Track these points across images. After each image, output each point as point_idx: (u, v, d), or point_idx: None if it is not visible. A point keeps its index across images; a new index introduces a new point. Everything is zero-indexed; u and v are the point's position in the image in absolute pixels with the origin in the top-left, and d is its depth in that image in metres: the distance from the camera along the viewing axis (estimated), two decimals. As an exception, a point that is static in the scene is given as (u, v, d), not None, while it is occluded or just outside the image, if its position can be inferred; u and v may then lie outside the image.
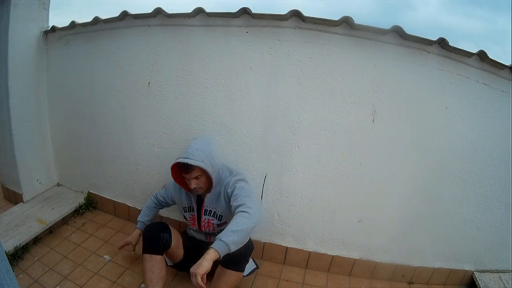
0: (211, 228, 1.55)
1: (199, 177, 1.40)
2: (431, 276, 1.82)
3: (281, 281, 1.74)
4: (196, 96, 1.71)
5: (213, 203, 1.52)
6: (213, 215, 1.53)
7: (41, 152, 2.23)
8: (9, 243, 1.68)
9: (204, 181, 1.43)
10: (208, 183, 1.45)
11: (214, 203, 1.51)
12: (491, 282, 1.74)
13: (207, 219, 1.54)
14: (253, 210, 1.28)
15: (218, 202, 1.50)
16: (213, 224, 1.54)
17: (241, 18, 1.53)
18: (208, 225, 1.55)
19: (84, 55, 1.98)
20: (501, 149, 1.57)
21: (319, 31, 1.47)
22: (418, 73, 1.48)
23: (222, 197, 1.48)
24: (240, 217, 1.25)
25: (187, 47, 1.66)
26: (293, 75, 1.54)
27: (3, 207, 2.17)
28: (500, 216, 1.69)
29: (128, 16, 1.73)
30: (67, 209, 2.09)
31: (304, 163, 1.66)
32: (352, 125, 1.57)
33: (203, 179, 1.41)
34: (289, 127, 1.62)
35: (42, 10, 2.02)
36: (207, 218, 1.54)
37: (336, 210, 1.72)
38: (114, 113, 1.97)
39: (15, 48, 1.89)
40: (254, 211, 1.28)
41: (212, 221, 1.53)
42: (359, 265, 1.80)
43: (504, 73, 1.48)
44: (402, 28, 1.37)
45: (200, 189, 1.44)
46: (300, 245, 1.82)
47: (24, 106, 2.03)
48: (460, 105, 1.51)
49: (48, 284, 1.55)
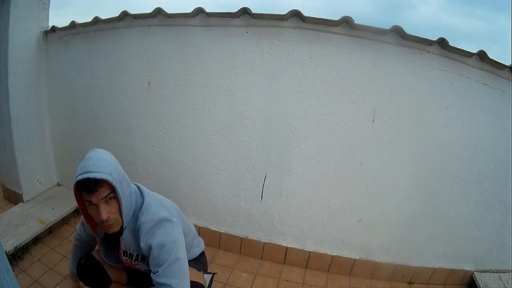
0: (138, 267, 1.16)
1: (110, 200, 0.93)
2: (431, 276, 1.82)
3: (281, 281, 1.74)
4: (196, 96, 1.71)
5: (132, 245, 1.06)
6: (137, 258, 1.10)
7: (41, 152, 2.23)
8: (9, 243, 1.68)
9: (117, 209, 0.96)
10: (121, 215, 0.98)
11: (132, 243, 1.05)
12: (491, 282, 1.74)
13: (130, 262, 1.12)
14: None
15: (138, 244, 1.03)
16: (138, 267, 1.15)
17: (241, 18, 1.53)
18: (134, 266, 1.15)
19: (84, 55, 1.98)
20: (501, 149, 1.58)
21: (319, 31, 1.47)
22: (418, 73, 1.48)
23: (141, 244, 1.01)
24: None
25: (187, 47, 1.66)
26: (293, 75, 1.54)
27: (3, 207, 2.17)
28: (500, 216, 1.69)
29: (128, 16, 1.73)
30: (67, 209, 2.08)
31: (304, 163, 1.66)
32: (352, 125, 1.57)
33: (115, 205, 0.95)
34: (289, 127, 1.62)
35: (42, 10, 2.02)
36: (130, 261, 1.12)
37: (336, 210, 1.72)
38: (114, 113, 1.97)
39: (15, 48, 1.89)
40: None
41: (137, 265, 1.13)
42: (359, 265, 1.80)
43: (504, 73, 1.48)
44: (402, 28, 1.37)
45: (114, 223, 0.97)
46: (300, 245, 1.82)
47: (24, 106, 2.03)
48: (460, 105, 1.51)
49: (48, 284, 1.55)
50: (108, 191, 0.92)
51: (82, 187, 0.90)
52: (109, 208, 0.94)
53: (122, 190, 0.94)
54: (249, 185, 1.76)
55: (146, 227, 0.99)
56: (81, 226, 1.22)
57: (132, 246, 1.06)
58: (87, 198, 0.91)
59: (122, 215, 0.97)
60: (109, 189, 0.92)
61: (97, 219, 0.94)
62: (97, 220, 0.95)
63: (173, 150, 1.84)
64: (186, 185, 1.90)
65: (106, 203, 0.93)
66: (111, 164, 0.95)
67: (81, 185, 0.89)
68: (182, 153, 1.83)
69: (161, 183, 1.95)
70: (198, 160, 1.81)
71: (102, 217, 0.92)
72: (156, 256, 0.98)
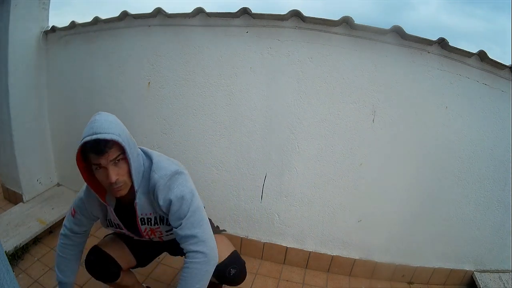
0: (158, 235, 1.15)
1: (119, 162, 0.91)
2: (431, 276, 1.82)
3: (281, 281, 1.74)
4: (196, 96, 1.71)
5: (147, 208, 1.04)
6: (156, 221, 1.08)
7: (41, 152, 2.23)
8: (9, 243, 1.68)
9: (126, 171, 0.94)
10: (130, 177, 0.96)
11: (147, 206, 1.04)
12: (491, 282, 1.74)
13: (150, 228, 1.10)
14: (207, 246, 0.99)
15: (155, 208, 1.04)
16: (160, 232, 1.13)
17: (241, 18, 1.53)
18: (154, 233, 1.13)
19: (84, 55, 1.98)
20: (501, 149, 1.58)
21: (319, 31, 1.47)
22: (418, 73, 1.48)
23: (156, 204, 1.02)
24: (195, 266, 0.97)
25: (187, 47, 1.66)
26: (293, 75, 1.54)
27: (3, 207, 2.17)
28: (500, 216, 1.69)
29: (128, 16, 1.73)
30: (67, 209, 2.08)
31: (304, 163, 1.66)
32: (352, 125, 1.57)
33: (124, 167, 0.93)
34: (289, 127, 1.62)
35: (42, 10, 2.02)
36: (150, 228, 1.10)
37: (336, 210, 1.72)
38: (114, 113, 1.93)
39: (15, 48, 1.89)
40: (211, 250, 1.00)
41: (158, 229, 1.11)
42: (359, 265, 1.80)
43: (504, 73, 1.48)
44: (402, 28, 1.37)
45: (123, 185, 0.94)
46: (300, 245, 1.82)
47: (24, 106, 2.03)
48: (460, 105, 1.51)
49: (48, 284, 1.55)
50: (118, 152, 0.90)
51: (91, 149, 0.87)
52: (118, 170, 0.91)
53: (131, 151, 0.92)
54: (249, 185, 1.76)
55: (162, 183, 0.98)
56: (72, 218, 1.14)
57: (148, 209, 1.04)
58: (96, 161, 0.88)
59: (132, 177, 0.95)
60: (119, 150, 0.90)
61: (106, 182, 0.91)
62: (105, 184, 0.93)
63: (173, 150, 1.84)
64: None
65: (115, 165, 0.91)
66: (118, 125, 0.94)
67: (89, 147, 0.86)
68: (182, 153, 1.83)
69: (161, 183, 1.95)
70: (198, 160, 1.81)
71: (111, 179, 0.89)
72: (177, 209, 0.98)
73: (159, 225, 1.09)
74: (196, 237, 0.97)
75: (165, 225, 1.09)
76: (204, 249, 0.98)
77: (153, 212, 1.05)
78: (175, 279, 1.67)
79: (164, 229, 1.11)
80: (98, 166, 0.89)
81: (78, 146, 0.88)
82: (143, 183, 1.01)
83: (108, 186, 0.93)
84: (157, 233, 1.13)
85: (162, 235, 1.14)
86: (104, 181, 0.92)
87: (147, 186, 1.01)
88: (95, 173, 0.93)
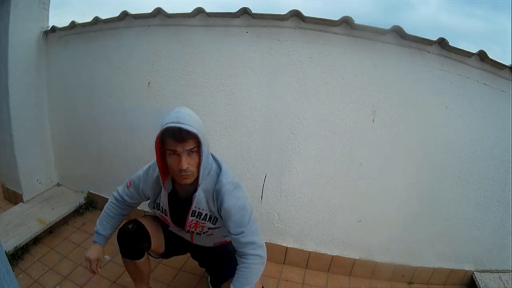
0: (199, 229, 1.21)
1: (192, 153, 1.01)
2: (431, 276, 1.82)
3: (281, 281, 1.74)
4: (196, 96, 1.71)
5: (203, 204, 1.13)
6: (205, 217, 1.16)
7: (41, 152, 2.23)
8: (9, 243, 1.68)
9: (196, 163, 1.03)
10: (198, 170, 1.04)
11: (204, 204, 1.13)
12: (491, 282, 1.74)
13: (196, 221, 1.17)
14: (263, 250, 1.13)
15: (209, 206, 1.14)
16: (203, 226, 1.19)
17: (241, 18, 1.53)
18: (197, 226, 1.20)
19: (84, 55, 1.98)
20: (501, 149, 1.58)
21: (319, 31, 1.47)
22: (418, 73, 1.48)
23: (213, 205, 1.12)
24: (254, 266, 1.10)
25: (187, 47, 1.66)
26: (293, 75, 1.54)
27: (3, 207, 2.16)
28: (500, 216, 1.69)
29: (128, 16, 1.73)
30: (67, 209, 2.08)
31: (304, 163, 1.66)
32: (352, 125, 1.57)
33: (195, 159, 1.02)
34: (289, 127, 1.62)
35: (42, 10, 2.02)
36: (196, 220, 1.17)
37: (336, 210, 1.72)
38: (114, 113, 1.97)
39: (15, 48, 1.89)
40: (264, 251, 1.14)
41: (203, 224, 1.18)
42: (359, 265, 1.80)
43: (504, 73, 1.48)
44: (402, 28, 1.38)
45: (189, 175, 1.03)
46: (300, 245, 1.82)
47: (24, 106, 2.03)
48: (460, 105, 1.51)
49: (48, 284, 1.55)
50: (194, 144, 0.99)
51: (172, 135, 0.96)
52: (190, 159, 1.00)
53: (204, 148, 1.02)
54: (249, 185, 1.76)
55: (228, 189, 1.09)
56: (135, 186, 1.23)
57: (203, 205, 1.13)
58: (172, 147, 0.98)
59: (200, 170, 1.03)
60: (195, 143, 1.00)
61: (175, 168, 1.00)
62: (175, 169, 1.01)
63: (173, 150, 1.84)
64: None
65: (188, 154, 0.99)
66: (199, 122, 1.03)
67: (171, 132, 0.96)
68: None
69: (161, 183, 1.95)
70: (198, 160, 1.80)
71: (183, 166, 0.98)
72: (239, 218, 1.09)
73: (206, 221, 1.17)
74: (255, 244, 1.11)
75: (211, 223, 1.18)
76: (261, 253, 1.12)
77: (207, 209, 1.14)
78: (175, 279, 1.67)
79: (208, 226, 1.19)
80: (173, 152, 0.99)
81: (161, 128, 0.97)
82: (207, 181, 1.10)
83: (177, 172, 1.01)
84: (200, 227, 1.20)
85: (202, 230, 1.21)
86: (174, 166, 1.01)
87: (211, 185, 1.11)
88: (168, 157, 1.02)
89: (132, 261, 1.27)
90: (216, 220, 1.18)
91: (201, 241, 1.33)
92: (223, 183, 1.09)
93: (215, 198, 1.11)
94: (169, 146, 0.99)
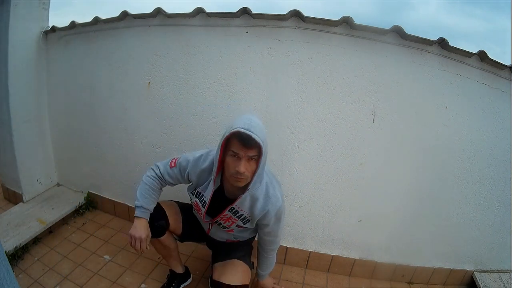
0: (228, 224, 1.31)
1: (252, 160, 1.10)
2: (431, 276, 1.82)
3: (281, 281, 1.74)
4: (196, 96, 1.71)
5: (246, 206, 1.23)
6: (240, 216, 1.27)
7: (41, 152, 2.23)
8: (9, 243, 1.68)
9: (253, 170, 1.12)
10: (252, 178, 1.14)
11: (247, 207, 1.23)
12: (491, 282, 1.74)
13: (230, 216, 1.27)
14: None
15: (252, 209, 1.24)
16: (233, 222, 1.29)
17: (241, 18, 1.53)
18: (228, 220, 1.30)
19: (84, 55, 1.98)
20: (501, 149, 1.57)
21: (319, 31, 1.47)
22: (418, 73, 1.48)
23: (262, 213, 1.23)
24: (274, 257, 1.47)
25: (187, 47, 1.66)
26: (293, 75, 1.54)
27: (3, 207, 2.17)
28: (500, 216, 1.69)
29: (128, 16, 1.73)
30: (67, 209, 2.09)
31: (304, 163, 1.66)
32: (352, 125, 1.57)
33: (253, 166, 1.11)
34: (289, 127, 1.62)
35: (42, 10, 2.02)
36: (230, 215, 1.27)
37: (336, 210, 1.72)
38: (114, 113, 1.97)
39: (15, 48, 1.89)
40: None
41: (235, 220, 1.29)
42: (359, 265, 1.80)
43: (504, 73, 1.48)
44: (402, 28, 1.37)
45: (243, 179, 1.12)
46: (300, 245, 1.82)
47: (24, 106, 2.03)
48: (460, 105, 1.51)
49: (48, 284, 1.55)
50: (256, 153, 1.09)
51: (240, 139, 1.06)
52: (248, 165, 1.10)
53: (263, 158, 1.12)
54: (249, 185, 1.76)
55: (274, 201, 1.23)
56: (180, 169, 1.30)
57: (245, 208, 1.24)
58: (237, 150, 1.08)
59: (254, 176, 1.13)
60: (257, 152, 1.09)
61: (234, 169, 1.10)
62: (231, 169, 1.11)
63: (173, 150, 1.84)
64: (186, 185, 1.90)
65: (248, 160, 1.09)
66: (265, 134, 1.12)
67: (240, 137, 1.06)
68: (182, 153, 1.82)
69: (161, 183, 1.95)
70: (198, 160, 1.80)
71: (241, 170, 1.08)
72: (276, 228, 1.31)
73: (239, 220, 1.29)
74: (278, 245, 1.44)
75: (242, 222, 1.29)
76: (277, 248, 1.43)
77: (246, 212, 1.25)
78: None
79: (237, 224, 1.30)
80: (236, 154, 1.09)
81: (232, 130, 1.06)
82: (258, 189, 1.20)
83: (233, 172, 1.11)
84: (229, 222, 1.30)
85: (230, 226, 1.32)
86: (231, 167, 1.11)
87: (260, 192, 1.21)
88: (228, 157, 1.12)
89: (156, 239, 1.37)
90: (247, 222, 1.29)
91: (216, 234, 1.42)
92: (271, 194, 1.23)
93: (261, 205, 1.22)
94: (233, 148, 1.08)
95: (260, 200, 1.22)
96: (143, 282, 1.63)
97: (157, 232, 1.36)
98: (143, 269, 1.72)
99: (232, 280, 1.29)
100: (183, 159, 1.31)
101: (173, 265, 1.56)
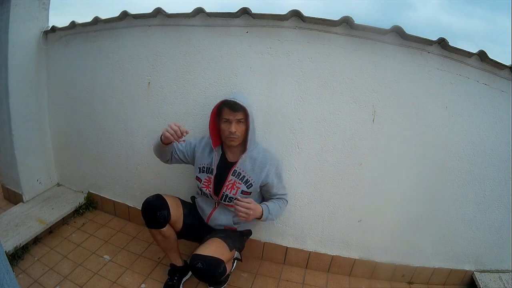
0: (234, 191, 1.45)
1: (241, 122, 1.37)
2: (431, 276, 1.82)
3: (281, 281, 1.74)
4: (196, 96, 1.71)
5: (247, 168, 1.44)
6: (242, 179, 1.44)
7: (41, 152, 2.23)
8: (9, 243, 1.68)
9: (242, 131, 1.39)
10: (243, 138, 1.41)
11: (248, 168, 1.44)
12: (491, 282, 1.74)
13: (234, 180, 1.45)
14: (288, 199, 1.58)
15: (253, 171, 1.44)
16: (238, 188, 1.44)
17: (241, 18, 1.53)
18: (233, 187, 1.45)
19: (84, 55, 1.98)
20: (501, 149, 1.58)
21: (319, 31, 1.47)
22: (418, 73, 1.48)
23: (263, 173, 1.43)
24: (283, 203, 1.54)
25: (187, 47, 1.66)
26: (293, 75, 1.54)
27: (3, 207, 2.17)
28: (500, 216, 1.69)
29: (128, 16, 1.73)
30: (67, 209, 2.09)
31: (304, 163, 1.66)
32: (352, 125, 1.57)
33: (242, 128, 1.38)
34: (289, 127, 1.62)
35: (42, 10, 2.02)
36: (234, 180, 1.45)
37: (336, 210, 1.72)
38: (114, 113, 1.97)
39: (15, 48, 1.89)
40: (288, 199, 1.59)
41: (239, 185, 1.44)
42: (359, 265, 1.80)
43: (504, 73, 1.48)
44: (402, 28, 1.37)
45: (236, 139, 1.38)
46: (300, 245, 1.82)
47: (24, 106, 2.03)
48: (460, 105, 1.51)
49: (48, 284, 1.55)
50: (243, 116, 1.37)
51: (228, 105, 1.34)
52: (237, 126, 1.36)
53: (251, 121, 1.38)
54: (249, 185, 1.76)
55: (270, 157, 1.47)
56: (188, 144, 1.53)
57: (246, 169, 1.44)
58: (226, 116, 1.36)
59: (248, 137, 1.40)
60: (244, 115, 1.37)
61: (227, 131, 1.36)
62: (225, 133, 1.37)
63: (173, 150, 1.84)
64: (187, 185, 1.90)
65: (237, 123, 1.36)
66: (249, 102, 1.42)
67: (227, 104, 1.34)
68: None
69: (161, 182, 1.95)
70: (198, 160, 1.80)
71: (232, 129, 1.35)
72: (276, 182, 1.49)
73: (242, 183, 1.44)
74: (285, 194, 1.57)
75: (245, 187, 1.45)
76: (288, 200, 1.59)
77: (247, 172, 1.44)
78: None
79: (242, 189, 1.45)
80: (227, 120, 1.36)
81: (219, 101, 1.38)
82: (252, 148, 1.45)
83: (227, 134, 1.37)
84: (234, 189, 1.45)
85: (236, 193, 1.44)
86: (225, 131, 1.37)
87: (257, 154, 1.45)
88: (222, 124, 1.39)
89: (157, 230, 1.44)
90: (251, 186, 1.44)
91: (217, 219, 1.53)
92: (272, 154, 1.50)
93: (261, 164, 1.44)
94: (224, 115, 1.36)
95: (258, 159, 1.44)
96: (143, 282, 1.63)
97: (159, 222, 1.42)
98: (143, 269, 1.72)
99: (203, 251, 1.32)
100: (193, 139, 1.56)
101: (173, 258, 1.60)
